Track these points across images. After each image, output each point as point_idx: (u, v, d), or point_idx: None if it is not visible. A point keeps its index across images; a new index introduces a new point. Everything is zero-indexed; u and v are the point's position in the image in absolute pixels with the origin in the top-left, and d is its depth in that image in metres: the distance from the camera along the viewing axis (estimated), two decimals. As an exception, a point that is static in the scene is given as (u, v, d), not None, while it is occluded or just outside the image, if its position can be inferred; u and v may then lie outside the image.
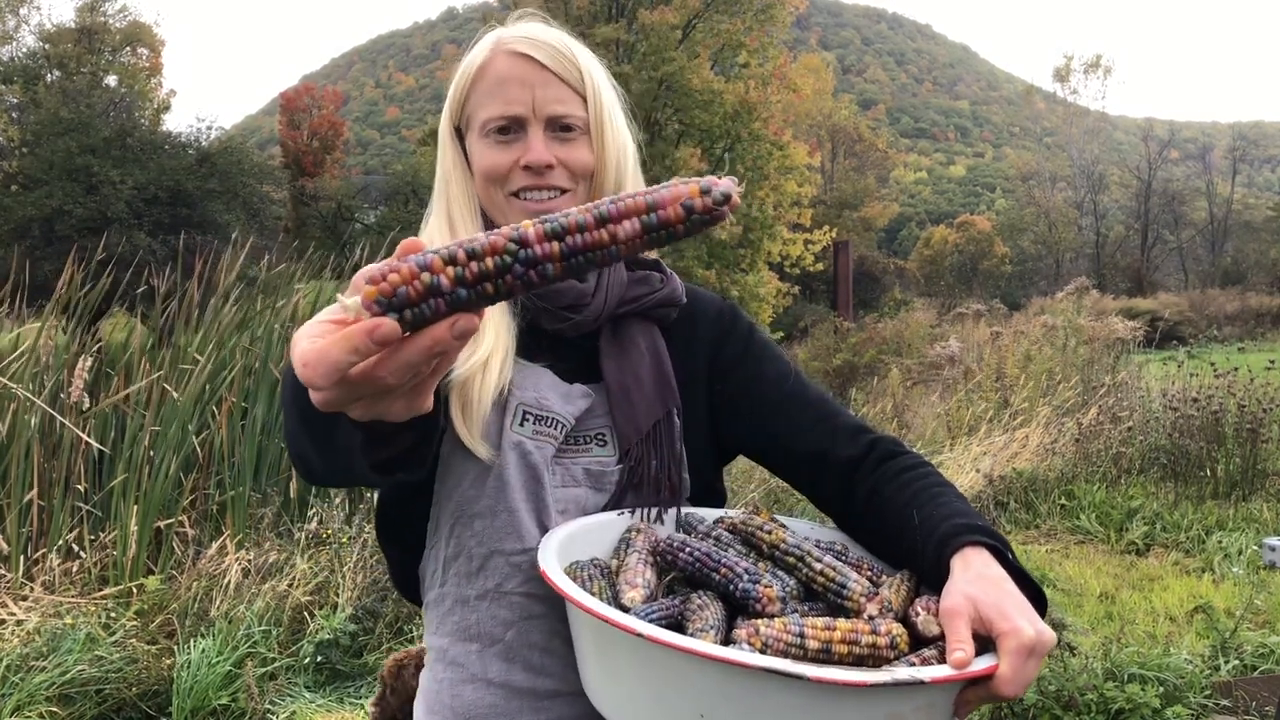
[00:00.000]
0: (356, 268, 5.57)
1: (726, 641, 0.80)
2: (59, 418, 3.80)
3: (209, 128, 19.61)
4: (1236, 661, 3.31)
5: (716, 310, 1.16)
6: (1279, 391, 6.30)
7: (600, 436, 1.05)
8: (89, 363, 3.91)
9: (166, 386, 4.11)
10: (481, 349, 0.99)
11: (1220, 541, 4.94)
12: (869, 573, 0.95)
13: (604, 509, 1.04)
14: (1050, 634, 0.78)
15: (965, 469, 6.25)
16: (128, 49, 30.07)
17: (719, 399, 1.11)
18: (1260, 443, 5.90)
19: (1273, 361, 6.98)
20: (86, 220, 16.09)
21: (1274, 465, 6.05)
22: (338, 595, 3.55)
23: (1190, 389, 6.59)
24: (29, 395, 3.79)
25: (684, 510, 1.05)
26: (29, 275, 5.20)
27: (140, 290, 4.98)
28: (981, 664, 0.75)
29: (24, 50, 26.86)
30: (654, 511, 1.04)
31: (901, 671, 0.72)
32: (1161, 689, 2.89)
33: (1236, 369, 6.51)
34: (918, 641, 0.83)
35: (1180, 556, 4.94)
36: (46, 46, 26.87)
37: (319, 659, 3.26)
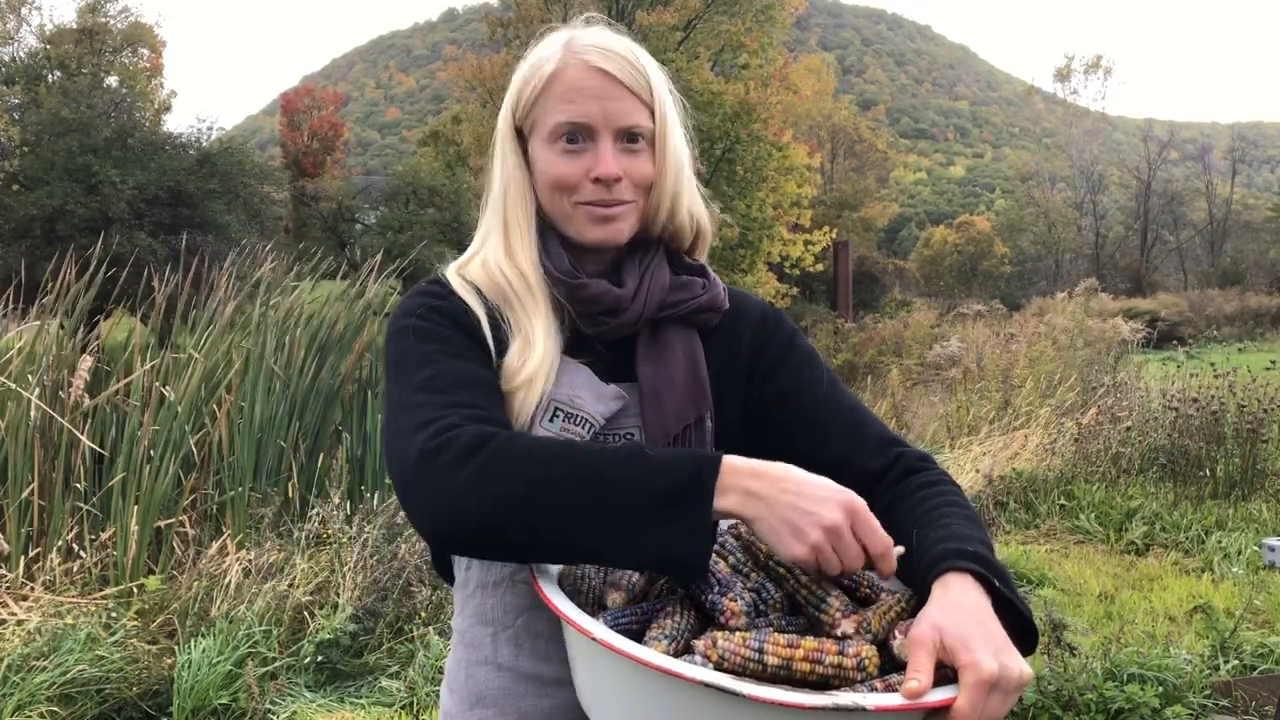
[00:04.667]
0: (357, 268, 5.57)
1: (687, 650, 0.79)
2: (58, 418, 3.81)
3: (209, 128, 19.58)
4: (1236, 661, 3.31)
5: (760, 315, 1.16)
6: (1279, 391, 6.30)
7: (629, 436, 1.06)
8: (89, 363, 3.92)
9: (161, 388, 4.11)
10: (531, 362, 1.01)
11: (1220, 541, 4.95)
12: (868, 589, 0.92)
13: None
14: (1020, 671, 0.75)
15: (965, 469, 6.26)
16: (129, 50, 30.07)
17: (754, 404, 1.11)
18: (1260, 443, 5.90)
19: (1273, 362, 6.99)
20: (87, 220, 16.08)
21: (1274, 465, 6.05)
22: (338, 595, 3.56)
23: (1190, 389, 6.59)
24: (28, 395, 3.79)
25: None
26: (30, 275, 5.21)
27: (140, 291, 4.99)
28: (937, 695, 0.72)
29: (25, 51, 26.87)
30: None
31: (844, 696, 0.70)
32: (1161, 689, 2.89)
33: (1236, 369, 6.51)
34: (897, 666, 0.81)
35: (1180, 556, 4.94)
36: (48, 47, 26.86)
37: (319, 659, 3.26)
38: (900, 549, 0.83)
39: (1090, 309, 10.02)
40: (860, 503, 0.81)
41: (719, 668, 0.75)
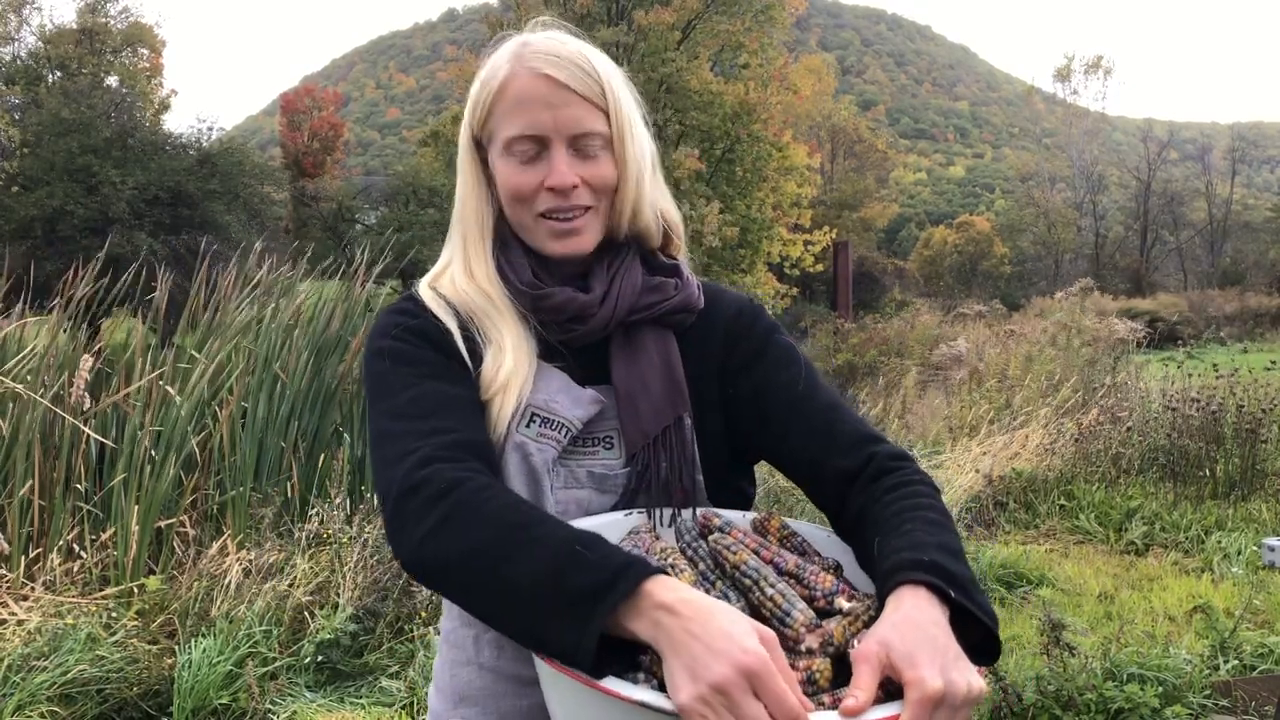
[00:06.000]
0: (357, 268, 5.58)
1: (635, 665, 0.79)
2: (66, 416, 3.80)
3: (210, 128, 19.63)
4: (1235, 661, 3.32)
5: (736, 311, 1.15)
6: (1279, 392, 6.31)
7: (608, 439, 1.06)
8: (91, 363, 3.92)
9: (168, 389, 4.11)
10: (505, 369, 1.02)
11: (1219, 541, 4.95)
12: (844, 598, 0.90)
13: (611, 511, 1.05)
14: (968, 686, 0.73)
15: (965, 469, 6.26)
16: (129, 50, 30.08)
17: (729, 401, 1.11)
18: (1259, 443, 5.91)
19: (1273, 362, 6.99)
20: (88, 221, 16.10)
21: (1273, 465, 6.05)
22: (338, 595, 3.56)
23: (1190, 389, 6.59)
24: (35, 395, 3.79)
25: (682, 514, 1.04)
26: (31, 275, 5.21)
27: (141, 291, 4.99)
28: (881, 713, 0.72)
29: (25, 51, 26.90)
30: (668, 513, 1.04)
31: None
32: (1161, 689, 2.89)
33: (1237, 369, 6.52)
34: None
35: (1179, 556, 4.94)
36: (48, 47, 26.89)
37: (320, 659, 3.27)
38: (832, 715, 0.72)
39: (1089, 309, 10.03)
40: (763, 665, 0.70)
41: (663, 681, 0.75)
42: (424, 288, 1.10)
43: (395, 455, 0.92)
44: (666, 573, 0.79)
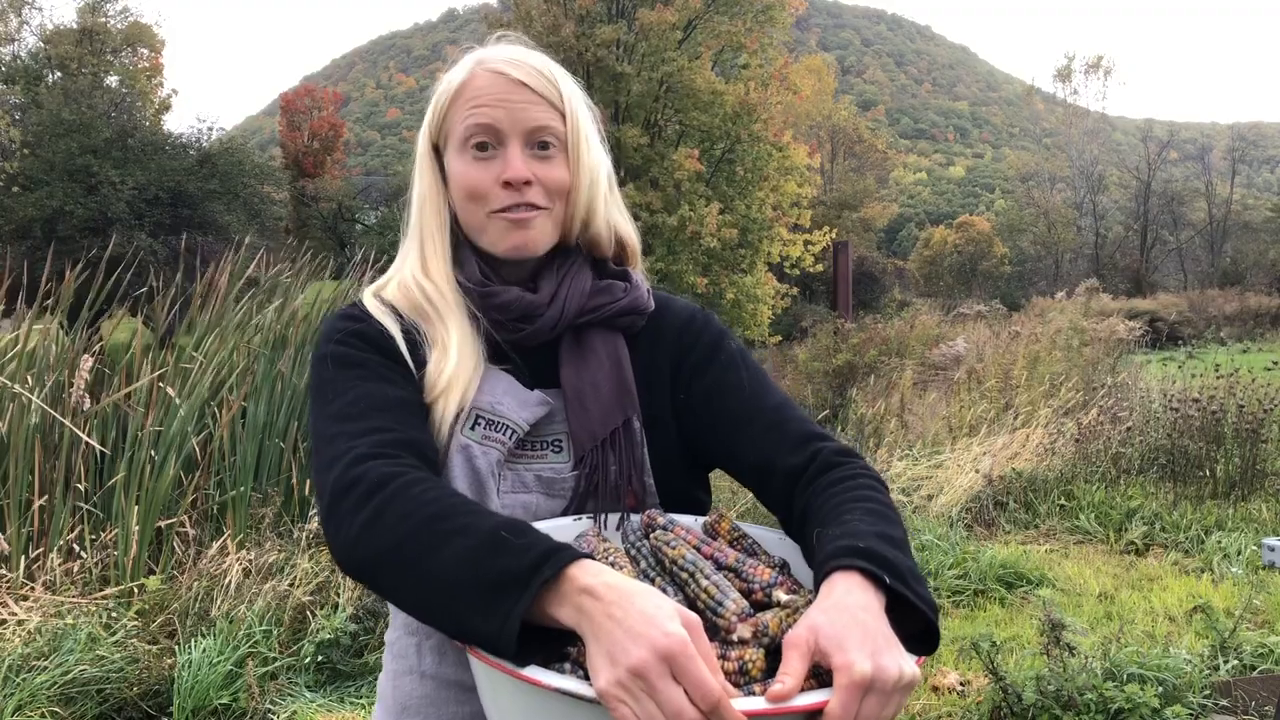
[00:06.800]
0: (357, 268, 5.57)
1: (565, 655, 0.79)
2: (60, 419, 3.81)
3: (210, 129, 19.68)
4: (1235, 661, 3.32)
5: (686, 318, 1.15)
6: (1279, 392, 6.31)
7: (556, 442, 1.06)
8: (90, 363, 3.92)
9: (166, 388, 4.11)
10: (448, 370, 1.01)
11: (1219, 541, 4.95)
12: (783, 590, 0.89)
13: (561, 515, 1.04)
14: (899, 671, 0.72)
15: (965, 469, 6.26)
16: (128, 49, 30.09)
17: (681, 407, 1.11)
18: (1260, 443, 5.91)
19: (1274, 362, 6.99)
20: (88, 221, 16.12)
21: (1273, 465, 6.05)
22: (338, 595, 3.56)
23: (1190, 389, 6.60)
24: (29, 395, 3.79)
25: (630, 517, 1.04)
26: (30, 275, 5.21)
27: (141, 291, 4.99)
28: (809, 699, 0.70)
29: (26, 51, 26.93)
30: (616, 517, 1.03)
31: None
32: (1161, 689, 2.89)
33: (1237, 369, 6.52)
34: None
35: (1179, 556, 4.94)
36: (48, 47, 26.91)
37: (320, 659, 3.27)
38: (758, 701, 0.71)
39: (1090, 309, 10.05)
40: (682, 648, 0.68)
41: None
42: (367, 295, 1.10)
43: (332, 457, 0.91)
44: (594, 558, 0.77)
